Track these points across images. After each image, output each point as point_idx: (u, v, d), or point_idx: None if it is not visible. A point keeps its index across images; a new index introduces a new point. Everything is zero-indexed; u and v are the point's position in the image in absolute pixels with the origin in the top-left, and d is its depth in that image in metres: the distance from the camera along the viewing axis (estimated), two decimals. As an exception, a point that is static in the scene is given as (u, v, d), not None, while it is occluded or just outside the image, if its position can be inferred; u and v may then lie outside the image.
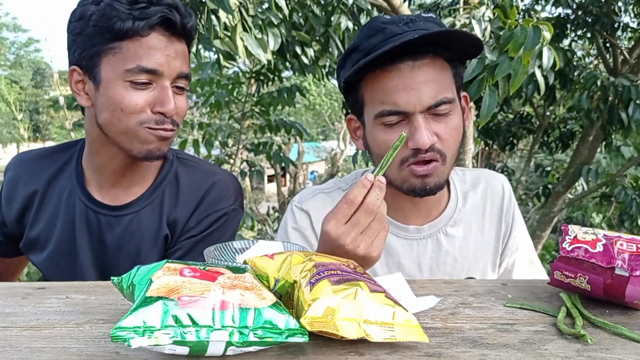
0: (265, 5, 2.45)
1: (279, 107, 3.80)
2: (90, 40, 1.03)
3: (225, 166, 4.22)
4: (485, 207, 1.20)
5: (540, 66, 1.98)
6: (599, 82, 3.58)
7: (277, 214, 6.89)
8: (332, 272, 0.66)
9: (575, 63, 4.08)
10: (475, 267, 1.17)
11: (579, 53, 5.74)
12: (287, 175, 8.29)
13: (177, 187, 1.20)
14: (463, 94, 1.11)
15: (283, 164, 4.23)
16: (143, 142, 1.07)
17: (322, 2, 2.80)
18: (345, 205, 0.83)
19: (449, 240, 1.16)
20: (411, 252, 1.15)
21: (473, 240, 1.17)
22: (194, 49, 2.28)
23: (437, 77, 1.00)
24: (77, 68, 1.07)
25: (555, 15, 4.92)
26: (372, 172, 0.86)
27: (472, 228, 1.18)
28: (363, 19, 3.01)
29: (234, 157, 4.40)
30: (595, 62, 5.59)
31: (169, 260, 0.67)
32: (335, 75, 1.13)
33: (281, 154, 4.10)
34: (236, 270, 0.67)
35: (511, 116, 5.40)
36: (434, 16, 1.06)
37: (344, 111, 3.95)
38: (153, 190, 1.18)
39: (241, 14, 1.98)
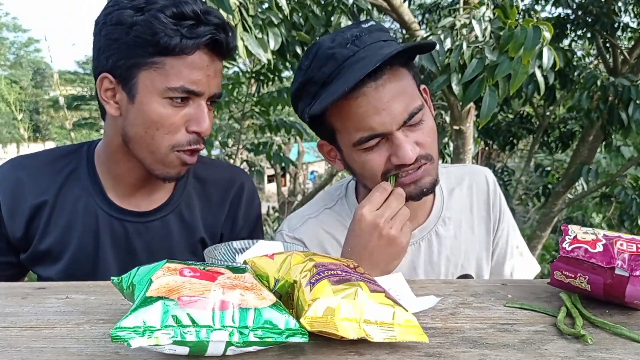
0: (266, 5, 2.44)
1: (279, 107, 3.80)
2: (130, 50, 0.98)
3: (225, 166, 4.21)
4: (472, 203, 1.20)
5: (540, 66, 1.98)
6: (599, 82, 3.58)
7: (277, 214, 6.89)
8: (332, 272, 0.66)
9: (575, 63, 4.08)
10: (469, 264, 1.18)
11: (579, 53, 5.74)
12: (287, 175, 8.29)
13: (201, 187, 1.19)
14: (422, 87, 1.09)
15: (283, 164, 4.23)
16: (167, 166, 1.04)
17: (322, 2, 2.80)
18: (378, 193, 0.97)
19: (440, 241, 1.16)
20: (405, 258, 1.12)
21: (464, 238, 1.18)
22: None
23: (402, 88, 0.99)
24: (110, 76, 1.01)
25: (555, 15, 4.92)
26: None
27: (462, 226, 1.18)
28: (363, 19, 3.01)
29: (234, 157, 4.40)
30: (595, 62, 5.59)
31: (169, 260, 0.67)
32: (292, 106, 1.12)
33: (281, 154, 4.10)
34: (236, 270, 0.67)
35: (511, 116, 5.40)
36: (375, 22, 1.04)
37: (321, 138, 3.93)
38: (178, 194, 1.16)
39: (241, 13, 1.98)
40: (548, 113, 5.11)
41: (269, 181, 14.42)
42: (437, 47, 2.08)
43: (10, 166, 1.14)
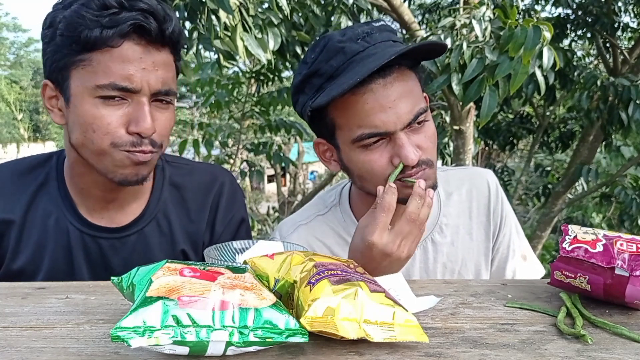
0: (266, 5, 2.45)
1: (279, 107, 3.80)
2: (59, 51, 0.91)
3: (226, 166, 4.22)
4: (472, 208, 1.17)
5: (540, 66, 1.98)
6: (599, 82, 3.59)
7: (277, 214, 6.89)
8: (332, 272, 0.66)
9: (575, 63, 4.08)
10: (467, 270, 1.15)
11: (579, 53, 5.74)
12: (287, 175, 8.28)
13: (179, 194, 1.11)
14: (423, 95, 1.09)
15: (283, 164, 4.24)
16: (118, 166, 0.95)
17: (322, 2, 2.80)
18: (383, 214, 0.90)
19: (436, 248, 1.14)
20: None
21: (461, 245, 1.15)
22: (194, 49, 2.28)
23: (408, 89, 0.98)
24: (49, 82, 0.96)
25: (555, 15, 4.92)
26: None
27: (459, 232, 1.15)
28: (363, 19, 3.01)
29: (234, 157, 4.41)
30: (595, 62, 5.60)
31: (169, 260, 0.67)
32: (292, 99, 1.09)
33: (281, 154, 4.10)
34: (236, 270, 0.67)
35: (511, 116, 5.40)
36: (385, 23, 1.04)
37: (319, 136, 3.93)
38: (153, 204, 1.09)
39: (241, 13, 1.98)
40: (548, 113, 5.11)
41: (269, 181, 14.41)
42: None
43: None
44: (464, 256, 1.15)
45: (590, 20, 4.50)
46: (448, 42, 2.17)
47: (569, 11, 4.69)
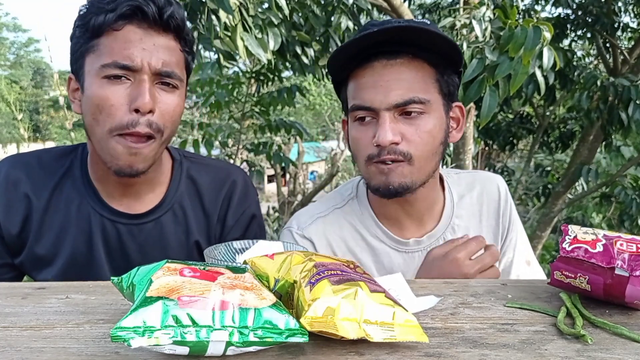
0: (266, 5, 2.45)
1: (279, 107, 3.80)
2: (77, 42, 1.00)
3: (226, 166, 4.20)
4: (482, 212, 1.18)
5: (540, 66, 1.98)
6: (599, 82, 3.58)
7: (277, 214, 6.89)
8: (332, 272, 0.66)
9: (575, 63, 4.08)
10: None
11: (579, 53, 5.75)
12: (287, 175, 8.28)
13: (195, 188, 1.16)
14: (457, 104, 1.09)
15: (283, 164, 4.23)
16: (113, 156, 0.99)
17: (322, 2, 2.80)
18: (475, 243, 1.02)
19: None
20: (413, 265, 1.13)
21: None
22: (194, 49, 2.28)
23: (411, 76, 0.99)
24: (72, 75, 1.03)
25: (555, 15, 4.92)
26: None
27: (469, 234, 1.15)
28: (363, 19, 3.01)
29: (234, 157, 4.40)
30: (595, 62, 5.60)
31: (169, 260, 0.67)
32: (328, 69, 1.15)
33: (281, 154, 4.09)
34: (236, 270, 0.67)
35: (511, 116, 5.40)
36: (428, 22, 1.04)
37: (343, 111, 3.94)
38: (171, 195, 1.14)
39: (241, 13, 1.98)
40: (548, 113, 5.11)
41: (269, 181, 14.42)
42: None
43: (7, 163, 1.13)
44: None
45: (590, 20, 4.50)
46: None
47: (569, 11, 4.68)
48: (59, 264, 1.10)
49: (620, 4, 4.60)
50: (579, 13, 4.59)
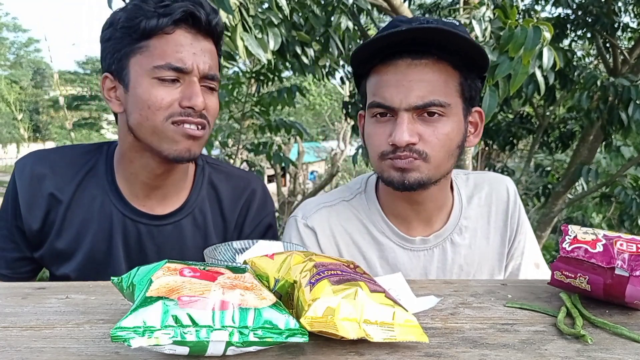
0: (266, 5, 2.44)
1: (279, 107, 3.80)
2: (119, 43, 1.03)
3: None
4: (490, 213, 1.18)
5: (540, 66, 1.98)
6: (599, 82, 3.58)
7: (277, 214, 6.89)
8: (332, 272, 0.66)
9: (575, 63, 4.07)
10: (481, 274, 1.16)
11: (579, 53, 5.74)
12: (287, 175, 8.29)
13: (215, 195, 1.19)
14: (477, 109, 1.07)
15: (283, 164, 4.23)
16: (171, 142, 1.03)
17: (322, 2, 2.80)
18: None
19: (455, 249, 1.14)
20: (418, 264, 1.12)
21: (478, 248, 1.15)
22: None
23: (434, 78, 0.98)
24: (109, 75, 1.06)
25: (555, 15, 4.92)
26: None
27: (477, 235, 1.16)
28: (363, 19, 3.01)
29: (234, 157, 4.40)
30: (595, 62, 5.60)
31: (169, 260, 0.67)
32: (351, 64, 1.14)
33: (281, 154, 4.09)
34: (236, 270, 0.67)
35: (511, 116, 5.39)
36: (457, 23, 1.02)
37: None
38: (193, 199, 1.17)
39: (241, 14, 1.98)
40: (548, 113, 5.10)
41: (269, 181, 14.42)
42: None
43: (32, 158, 1.15)
44: (480, 259, 1.15)
45: (590, 20, 4.50)
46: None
47: (569, 11, 4.68)
48: (78, 259, 1.12)
49: (620, 4, 4.60)
50: (579, 13, 4.59)
